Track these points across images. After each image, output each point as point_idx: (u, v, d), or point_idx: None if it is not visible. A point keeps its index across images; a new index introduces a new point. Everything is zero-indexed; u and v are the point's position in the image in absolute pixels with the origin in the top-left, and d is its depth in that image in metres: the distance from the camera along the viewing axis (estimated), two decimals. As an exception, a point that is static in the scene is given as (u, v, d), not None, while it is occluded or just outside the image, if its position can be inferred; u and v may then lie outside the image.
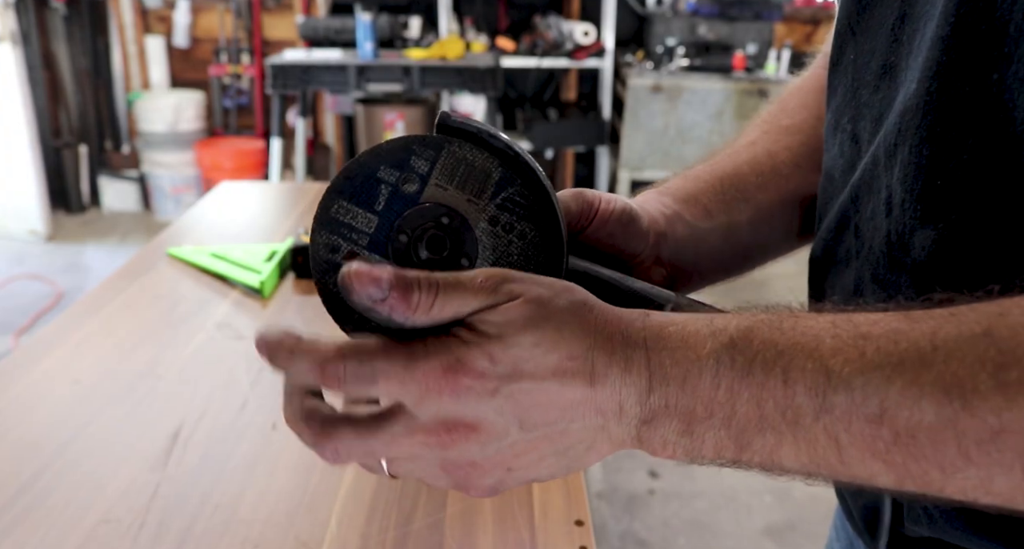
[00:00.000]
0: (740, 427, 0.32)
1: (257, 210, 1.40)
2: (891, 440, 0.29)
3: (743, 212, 0.51)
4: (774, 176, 0.52)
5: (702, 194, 0.51)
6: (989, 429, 0.27)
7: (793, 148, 0.54)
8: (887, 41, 0.40)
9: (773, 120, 0.56)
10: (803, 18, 4.03)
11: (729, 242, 0.50)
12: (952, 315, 0.29)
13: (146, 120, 3.85)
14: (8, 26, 3.37)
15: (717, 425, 0.32)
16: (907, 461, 0.29)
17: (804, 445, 0.31)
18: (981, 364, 0.27)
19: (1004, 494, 0.28)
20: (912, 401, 0.28)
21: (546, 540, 0.58)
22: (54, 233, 3.70)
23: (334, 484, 0.64)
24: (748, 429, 0.32)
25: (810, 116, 0.55)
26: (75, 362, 0.82)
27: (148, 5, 3.96)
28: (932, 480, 0.29)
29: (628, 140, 3.59)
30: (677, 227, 0.48)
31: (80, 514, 0.60)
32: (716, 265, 0.50)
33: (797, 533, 1.89)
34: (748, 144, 0.54)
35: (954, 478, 0.29)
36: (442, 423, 0.32)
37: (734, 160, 0.53)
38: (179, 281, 1.04)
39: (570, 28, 3.71)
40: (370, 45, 3.12)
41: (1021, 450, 0.27)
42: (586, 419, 0.33)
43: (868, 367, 0.29)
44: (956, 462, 0.28)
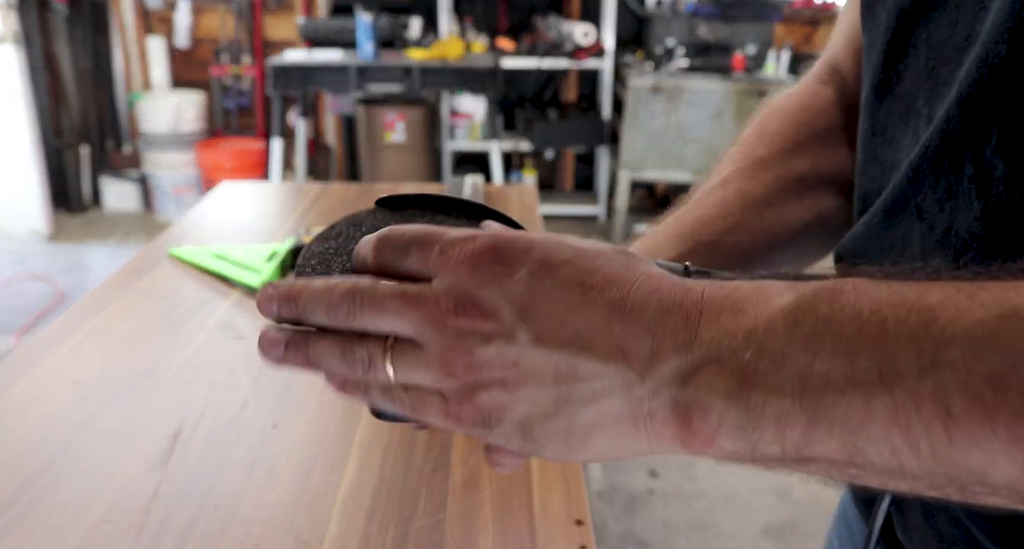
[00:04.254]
0: (817, 390, 0.25)
1: (258, 210, 1.40)
2: (1021, 407, 0.22)
3: (714, 257, 0.48)
4: (745, 217, 0.50)
5: (662, 246, 0.49)
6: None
7: (767, 184, 0.51)
8: (973, 10, 0.35)
9: (749, 150, 0.53)
10: (803, 19, 4.03)
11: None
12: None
13: (147, 120, 3.85)
14: (10, 27, 3.38)
15: (785, 388, 0.25)
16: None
17: (903, 414, 0.24)
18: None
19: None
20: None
21: (546, 540, 0.58)
22: (55, 233, 3.70)
23: (334, 484, 0.64)
24: (827, 393, 0.25)
25: (787, 144, 0.52)
26: (75, 362, 0.82)
27: (149, 6, 3.96)
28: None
29: (628, 140, 3.59)
30: None
31: (80, 514, 0.60)
32: None
33: (797, 533, 1.88)
34: (719, 184, 0.52)
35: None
36: (455, 297, 0.29)
37: (701, 205, 0.51)
38: (180, 281, 1.04)
39: (570, 28, 3.71)
40: (370, 45, 3.12)
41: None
42: (603, 355, 0.28)
43: (990, 317, 0.23)
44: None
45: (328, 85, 3.16)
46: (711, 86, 3.50)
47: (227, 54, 3.97)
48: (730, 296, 0.28)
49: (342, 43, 3.41)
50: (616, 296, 0.28)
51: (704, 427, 0.27)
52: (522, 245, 0.30)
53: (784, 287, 0.27)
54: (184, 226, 1.28)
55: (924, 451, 0.24)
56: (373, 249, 0.32)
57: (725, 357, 0.26)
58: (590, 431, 0.29)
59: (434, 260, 0.30)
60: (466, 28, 3.80)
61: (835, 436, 0.25)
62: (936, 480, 0.25)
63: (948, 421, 0.23)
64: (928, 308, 0.24)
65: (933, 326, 0.24)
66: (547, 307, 0.28)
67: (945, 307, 0.24)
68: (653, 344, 0.27)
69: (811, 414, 0.25)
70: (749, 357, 0.26)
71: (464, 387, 0.30)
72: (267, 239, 1.20)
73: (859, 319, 0.25)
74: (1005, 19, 0.31)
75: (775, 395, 0.25)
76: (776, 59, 3.57)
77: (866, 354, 0.24)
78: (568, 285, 0.28)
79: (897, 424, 0.24)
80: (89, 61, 3.87)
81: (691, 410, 0.27)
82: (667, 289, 0.28)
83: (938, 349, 0.24)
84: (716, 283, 0.29)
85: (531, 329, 0.29)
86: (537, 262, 0.29)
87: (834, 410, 0.25)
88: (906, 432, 0.24)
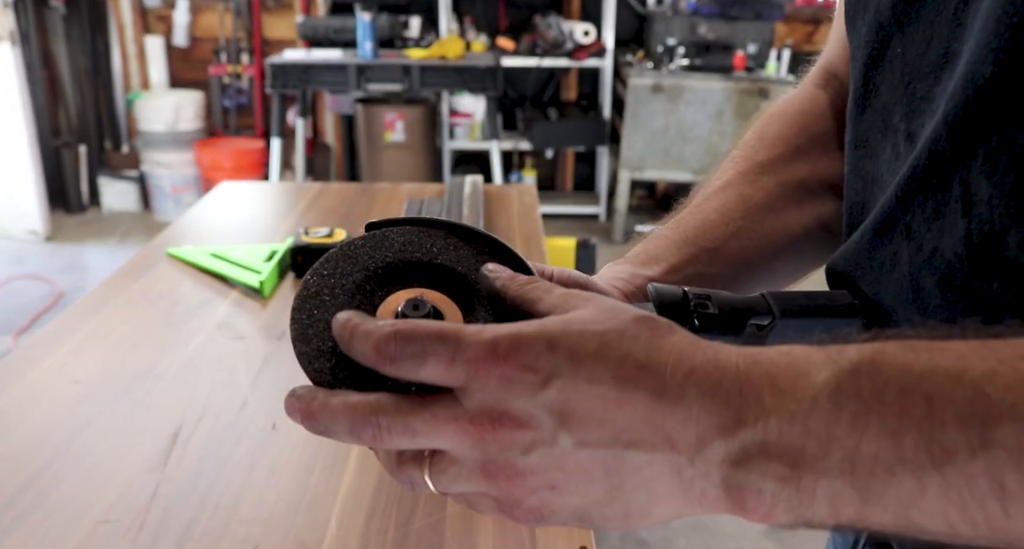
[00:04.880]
0: (867, 471, 0.25)
1: (257, 210, 1.40)
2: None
3: (717, 263, 0.48)
4: (747, 222, 0.50)
5: (664, 251, 0.49)
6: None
7: (768, 189, 0.51)
8: (949, 27, 0.35)
9: (750, 154, 0.53)
10: (804, 18, 4.03)
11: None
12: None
13: (146, 120, 3.85)
14: (7, 26, 3.37)
15: (835, 470, 0.25)
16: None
17: (956, 493, 0.24)
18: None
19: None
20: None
21: (546, 540, 0.58)
22: (53, 233, 3.70)
23: (334, 484, 0.64)
24: (878, 473, 0.25)
25: (788, 149, 0.52)
26: (75, 362, 0.82)
27: (147, 4, 3.96)
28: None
29: (628, 140, 3.59)
30: (641, 286, 0.46)
31: (80, 514, 0.60)
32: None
33: (797, 533, 1.88)
34: (719, 189, 0.52)
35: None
36: (487, 413, 0.29)
37: (701, 210, 0.51)
38: (179, 281, 1.04)
39: (570, 28, 3.71)
40: (370, 45, 3.12)
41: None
42: (649, 446, 0.28)
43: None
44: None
45: (327, 84, 3.16)
46: (712, 85, 3.49)
47: (226, 53, 3.96)
48: (768, 372, 0.27)
49: (341, 42, 3.41)
50: (654, 385, 0.28)
51: (759, 507, 0.27)
52: (546, 345, 0.29)
53: (821, 360, 0.27)
54: (183, 226, 1.28)
55: (980, 524, 0.24)
56: (376, 349, 0.30)
57: (772, 441, 0.26)
58: (647, 509, 0.29)
59: (457, 373, 0.29)
60: (466, 27, 3.79)
61: (889, 512, 0.25)
62: (994, 542, 0.25)
63: (1003, 497, 0.24)
64: (973, 383, 0.24)
65: (979, 403, 0.24)
66: (585, 408, 0.28)
67: (992, 382, 0.24)
68: (698, 430, 0.27)
69: (863, 494, 0.25)
70: (796, 440, 0.26)
71: (510, 495, 0.30)
72: (266, 239, 1.19)
73: (904, 396, 0.25)
74: (990, 40, 0.31)
75: (826, 477, 0.26)
76: (777, 58, 3.57)
77: (912, 434, 0.24)
78: (602, 382, 0.28)
79: (951, 501, 0.24)
80: (87, 60, 3.86)
81: (744, 492, 0.27)
82: (701, 369, 0.28)
83: (986, 428, 0.24)
84: (750, 354, 0.28)
85: (572, 433, 0.28)
86: (565, 363, 0.28)
87: (886, 490, 0.25)
88: (961, 509, 0.24)
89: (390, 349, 0.30)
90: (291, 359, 0.34)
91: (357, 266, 0.37)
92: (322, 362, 0.33)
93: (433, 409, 0.30)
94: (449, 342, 0.29)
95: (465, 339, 0.29)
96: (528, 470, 0.29)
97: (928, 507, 0.25)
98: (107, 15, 3.94)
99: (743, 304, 0.39)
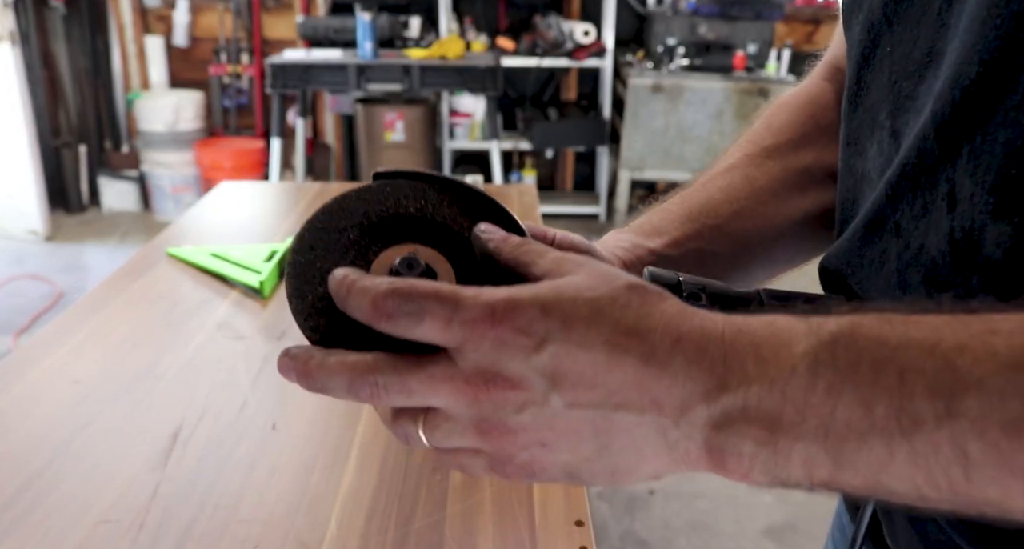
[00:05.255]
0: (840, 437, 0.26)
1: (257, 210, 1.40)
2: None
3: (718, 241, 0.49)
4: (751, 202, 0.50)
5: (668, 225, 0.49)
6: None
7: (773, 173, 0.52)
8: (933, 27, 0.36)
9: (757, 139, 0.54)
10: (804, 18, 4.03)
11: (710, 269, 0.47)
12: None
13: (145, 120, 3.85)
14: (7, 26, 3.37)
15: (810, 434, 0.27)
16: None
17: (922, 460, 0.26)
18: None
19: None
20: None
21: (546, 540, 0.58)
22: (53, 233, 3.70)
23: (334, 484, 0.64)
24: (850, 439, 0.26)
25: (795, 136, 0.53)
26: (75, 362, 0.82)
27: (147, 4, 3.96)
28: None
29: (628, 140, 3.59)
30: (642, 256, 0.47)
31: (79, 514, 0.60)
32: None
33: (797, 533, 1.88)
34: (726, 169, 0.53)
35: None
36: (481, 373, 0.30)
37: (707, 188, 0.52)
38: (179, 281, 1.04)
39: (570, 28, 3.71)
40: (370, 45, 3.12)
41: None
42: (637, 409, 0.29)
43: (1004, 365, 0.25)
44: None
45: (327, 84, 3.16)
46: (712, 85, 3.49)
47: (226, 53, 3.96)
48: (751, 341, 0.29)
49: (341, 42, 3.41)
50: (643, 351, 0.29)
51: (738, 468, 0.29)
52: (540, 310, 0.30)
53: (802, 331, 0.28)
54: (183, 226, 1.28)
55: (944, 488, 0.26)
56: (373, 305, 0.31)
57: (752, 406, 0.28)
58: (633, 466, 0.31)
59: (453, 333, 0.30)
60: (466, 27, 3.79)
61: (860, 476, 0.27)
62: (957, 506, 0.27)
63: (966, 464, 0.25)
64: (944, 356, 0.25)
65: (947, 375, 0.25)
66: (576, 370, 0.29)
67: (961, 355, 0.25)
68: (683, 394, 0.28)
69: (836, 458, 0.27)
70: (774, 406, 0.27)
71: (502, 451, 0.31)
72: (266, 239, 1.19)
73: (878, 367, 0.26)
74: (975, 41, 0.32)
75: (801, 442, 0.27)
76: (777, 58, 3.57)
77: (884, 403, 0.26)
78: (593, 346, 0.29)
79: (917, 467, 0.26)
80: (87, 60, 3.86)
81: (724, 454, 0.29)
82: (688, 336, 0.29)
83: (954, 398, 0.25)
84: (735, 323, 0.30)
85: (564, 395, 0.29)
86: (558, 328, 0.29)
87: (857, 455, 0.26)
88: (926, 474, 0.26)
89: (387, 306, 0.30)
90: (291, 359, 0.34)
91: (352, 220, 0.37)
92: (316, 319, 0.34)
93: (429, 369, 0.31)
94: (447, 303, 0.30)
95: (462, 301, 0.30)
96: (520, 428, 0.30)
97: (896, 472, 0.26)
98: (107, 15, 3.94)
99: (736, 298, 0.39)
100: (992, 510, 0.26)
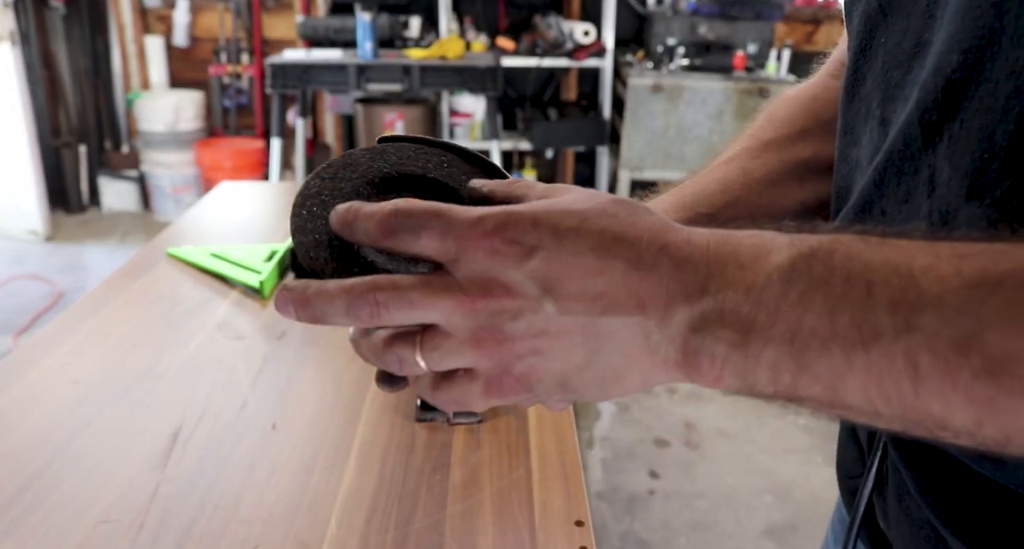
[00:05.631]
0: (805, 342, 0.28)
1: (257, 210, 1.40)
2: (980, 369, 0.25)
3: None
4: (745, 193, 0.52)
5: (659, 211, 0.50)
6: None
7: (770, 165, 0.53)
8: (922, 18, 0.37)
9: (757, 133, 0.56)
10: (804, 18, 4.03)
11: None
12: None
13: (145, 120, 3.85)
14: (7, 26, 3.37)
15: (778, 339, 0.28)
16: (995, 396, 0.25)
17: (876, 370, 0.27)
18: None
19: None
20: (1009, 324, 0.24)
21: (546, 540, 0.58)
22: (53, 233, 3.70)
23: (334, 484, 0.64)
24: (814, 345, 0.28)
25: (794, 130, 0.54)
26: (75, 362, 0.82)
27: (147, 4, 3.96)
28: (1019, 419, 0.25)
29: (628, 140, 3.59)
30: None
31: (79, 514, 0.60)
32: None
33: (797, 533, 1.88)
34: (724, 162, 0.54)
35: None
36: (477, 282, 0.31)
37: (703, 179, 0.53)
38: (179, 281, 1.04)
39: (570, 28, 3.71)
40: (370, 45, 3.11)
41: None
42: (624, 311, 0.30)
43: (964, 285, 0.25)
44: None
45: (327, 84, 3.16)
46: (712, 85, 3.49)
47: (226, 53, 3.96)
48: (734, 251, 0.30)
49: (341, 42, 3.41)
50: (629, 255, 0.30)
51: (711, 370, 0.30)
52: (531, 221, 0.31)
53: (784, 243, 0.30)
54: (183, 226, 1.28)
55: (894, 401, 0.27)
56: (379, 224, 0.33)
57: (728, 309, 0.29)
58: (621, 373, 0.32)
59: (449, 246, 0.32)
60: (466, 27, 3.79)
61: (819, 383, 0.28)
62: (906, 423, 0.28)
63: (916, 378, 0.26)
64: (911, 274, 0.27)
65: (912, 291, 0.26)
66: (567, 276, 0.30)
67: (927, 274, 0.26)
68: (667, 297, 0.30)
69: (799, 364, 0.28)
70: (748, 310, 0.29)
71: (499, 362, 0.32)
72: (266, 239, 1.19)
73: (848, 280, 0.27)
74: (956, 31, 0.33)
75: (770, 346, 0.28)
76: (777, 58, 3.57)
77: (849, 314, 0.27)
78: (582, 252, 0.30)
79: (871, 377, 0.27)
80: (87, 60, 3.86)
81: (699, 356, 0.30)
82: (674, 244, 0.31)
83: (913, 313, 0.26)
84: (720, 235, 0.31)
85: (556, 299, 0.31)
86: (548, 236, 0.31)
87: (819, 361, 0.28)
88: (879, 385, 0.27)
89: (391, 222, 0.33)
90: (291, 359, 0.35)
91: (356, 173, 0.40)
92: (319, 251, 0.36)
93: (428, 282, 0.32)
94: (442, 218, 0.32)
95: (457, 215, 0.32)
96: (516, 336, 0.31)
97: (852, 382, 0.27)
98: (107, 15, 3.94)
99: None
100: (935, 427, 0.27)
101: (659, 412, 2.37)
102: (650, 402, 2.41)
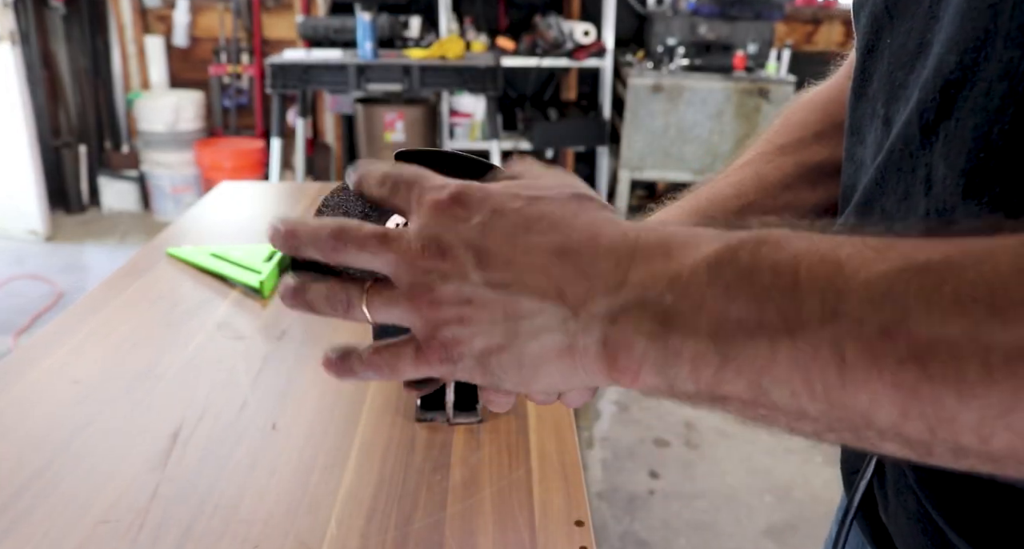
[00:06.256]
0: (730, 333, 0.27)
1: (257, 210, 1.40)
2: (905, 355, 0.24)
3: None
4: (760, 196, 0.53)
5: (675, 217, 0.52)
6: (1022, 344, 0.23)
7: (784, 168, 0.54)
8: (925, 19, 0.38)
9: (772, 137, 0.56)
10: (804, 18, 4.03)
11: None
12: (988, 228, 0.26)
13: (145, 120, 3.85)
14: (7, 26, 3.37)
15: (701, 331, 0.27)
16: (919, 382, 0.24)
17: (802, 359, 0.26)
18: (1019, 272, 0.23)
19: (1021, 429, 0.24)
20: (935, 309, 0.24)
21: (546, 540, 0.58)
22: (53, 233, 3.70)
23: (334, 484, 0.64)
24: (739, 336, 0.27)
25: (808, 133, 0.55)
26: (75, 362, 0.82)
27: (147, 4, 3.96)
28: (944, 409, 0.24)
29: (628, 140, 3.59)
30: None
31: (79, 514, 0.60)
32: None
33: (798, 533, 1.88)
34: (740, 166, 0.55)
35: (970, 406, 0.24)
36: (421, 239, 0.33)
37: (718, 184, 0.54)
38: (179, 281, 1.04)
39: (570, 28, 3.71)
40: (370, 45, 3.11)
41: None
42: (540, 294, 0.31)
43: (889, 272, 0.25)
44: (977, 384, 0.23)
45: (327, 84, 3.16)
46: (712, 85, 3.49)
47: (226, 53, 3.96)
48: (664, 243, 0.30)
49: (341, 42, 3.41)
50: (556, 240, 0.31)
51: (629, 364, 0.29)
52: (483, 194, 0.33)
53: (714, 236, 0.29)
54: (183, 226, 1.28)
55: (819, 393, 0.26)
56: (380, 180, 0.36)
57: (650, 300, 0.29)
58: (538, 363, 0.32)
59: (413, 203, 0.34)
60: (466, 27, 3.79)
61: (743, 377, 0.27)
62: (832, 422, 0.27)
63: (841, 366, 0.25)
64: (837, 261, 0.26)
65: (838, 278, 0.26)
66: (496, 250, 0.31)
67: (852, 260, 0.26)
68: (587, 286, 0.30)
69: (722, 356, 0.27)
70: (671, 300, 0.28)
71: (428, 324, 0.33)
72: (266, 239, 1.19)
73: (775, 269, 0.27)
74: (955, 32, 0.34)
75: (692, 337, 0.28)
76: (777, 58, 3.57)
77: (775, 302, 0.26)
78: (515, 231, 0.32)
79: (797, 367, 0.26)
80: (87, 60, 3.86)
81: (617, 348, 0.29)
82: (605, 235, 0.31)
83: (839, 300, 0.25)
84: (653, 229, 0.31)
85: (482, 270, 0.32)
86: (491, 209, 0.32)
87: (743, 352, 0.27)
88: (804, 375, 0.26)
89: (383, 178, 0.36)
90: (291, 359, 0.35)
91: (359, 201, 0.43)
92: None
93: (386, 231, 0.34)
94: (420, 178, 0.35)
95: (430, 177, 0.35)
96: (444, 299, 0.32)
97: (777, 374, 0.27)
98: (107, 15, 3.94)
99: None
100: (862, 424, 0.26)
101: (659, 412, 2.37)
102: (650, 402, 2.41)
